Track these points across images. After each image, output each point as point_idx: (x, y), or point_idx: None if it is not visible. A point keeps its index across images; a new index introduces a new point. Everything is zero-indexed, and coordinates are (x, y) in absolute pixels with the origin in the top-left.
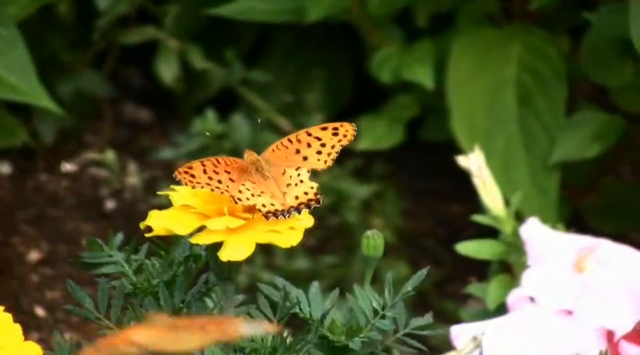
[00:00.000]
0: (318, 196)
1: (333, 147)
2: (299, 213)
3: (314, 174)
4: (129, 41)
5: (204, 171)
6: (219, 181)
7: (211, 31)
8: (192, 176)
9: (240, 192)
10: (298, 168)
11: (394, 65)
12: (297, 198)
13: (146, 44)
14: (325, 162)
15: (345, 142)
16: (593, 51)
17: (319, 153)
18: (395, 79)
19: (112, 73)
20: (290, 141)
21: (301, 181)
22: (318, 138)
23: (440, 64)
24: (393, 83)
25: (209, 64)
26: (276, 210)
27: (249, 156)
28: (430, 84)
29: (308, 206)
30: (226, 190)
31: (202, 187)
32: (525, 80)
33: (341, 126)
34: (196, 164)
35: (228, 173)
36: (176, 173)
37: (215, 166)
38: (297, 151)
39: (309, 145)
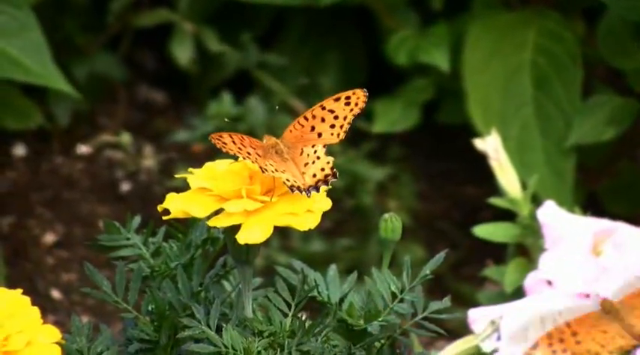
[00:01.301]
0: (334, 170)
1: (345, 118)
2: (317, 190)
3: (329, 155)
4: (143, 24)
5: (233, 142)
6: (248, 153)
7: (226, 14)
8: (224, 143)
9: (266, 165)
10: (314, 145)
11: (410, 48)
12: (314, 176)
13: (160, 27)
14: (338, 135)
15: (356, 111)
16: (608, 34)
17: (332, 126)
18: (411, 61)
19: (126, 55)
20: (306, 118)
21: (318, 158)
22: (332, 111)
23: (455, 48)
24: (409, 66)
25: (224, 47)
26: (299, 186)
27: (269, 140)
28: (446, 67)
29: (325, 182)
30: (256, 160)
31: (234, 153)
32: (541, 63)
33: (353, 93)
34: (225, 135)
35: (254, 149)
36: (210, 137)
37: (242, 140)
38: (312, 128)
39: (323, 120)
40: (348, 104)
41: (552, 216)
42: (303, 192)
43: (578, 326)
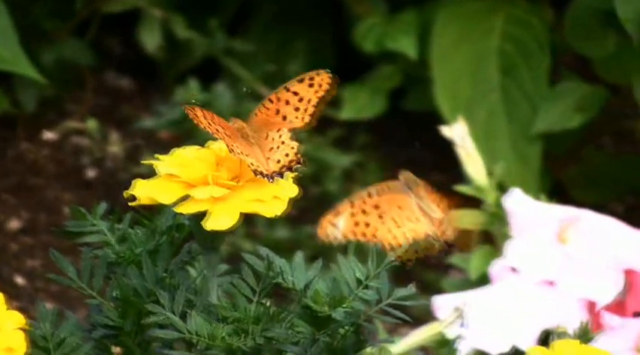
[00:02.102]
0: (299, 156)
1: (309, 100)
2: (281, 176)
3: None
4: (111, 10)
5: (204, 117)
6: (217, 130)
7: (194, 1)
8: (196, 115)
9: (233, 145)
10: (279, 130)
11: (378, 35)
12: (278, 161)
13: (128, 13)
14: (303, 118)
15: (321, 93)
16: (576, 22)
17: (297, 109)
18: (378, 48)
19: (94, 41)
20: (271, 101)
21: (283, 143)
22: (296, 93)
23: (423, 35)
24: (377, 53)
25: (192, 33)
26: (262, 171)
27: (235, 123)
28: (414, 54)
29: (289, 168)
30: (224, 138)
31: (204, 128)
32: (508, 50)
33: (317, 74)
34: (198, 109)
35: (223, 129)
36: (184, 107)
37: (212, 117)
38: (277, 111)
39: (287, 103)
40: (312, 86)
41: (518, 203)
42: (267, 178)
43: (380, 199)
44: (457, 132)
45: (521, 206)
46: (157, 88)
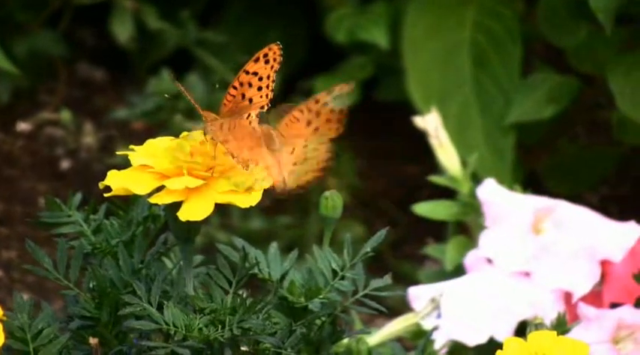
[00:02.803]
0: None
1: (268, 76)
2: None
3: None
4: (84, 1)
5: (220, 128)
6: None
7: None
8: (213, 128)
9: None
10: (249, 115)
11: (349, 25)
12: None
13: (101, 4)
14: (267, 95)
15: (276, 67)
16: (548, 11)
17: (260, 89)
18: (350, 39)
19: (66, 32)
20: (234, 87)
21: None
22: (255, 73)
23: (395, 26)
24: (348, 44)
25: (164, 24)
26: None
27: (208, 116)
28: (385, 44)
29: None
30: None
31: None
32: (480, 41)
33: (269, 49)
34: (214, 121)
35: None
36: (205, 118)
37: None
38: (243, 96)
39: (250, 85)
40: (267, 62)
41: (492, 194)
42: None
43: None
44: (430, 123)
45: (496, 196)
46: (130, 79)
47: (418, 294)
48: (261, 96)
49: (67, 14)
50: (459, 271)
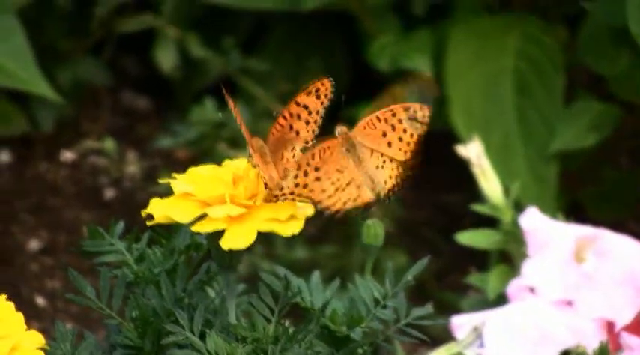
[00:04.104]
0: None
1: (317, 111)
2: (293, 199)
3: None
4: (127, 29)
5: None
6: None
7: (209, 20)
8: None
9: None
10: (293, 149)
11: (392, 54)
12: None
13: (144, 32)
14: (313, 131)
15: (326, 103)
16: (590, 40)
17: (307, 123)
18: (393, 67)
19: (110, 61)
20: (284, 117)
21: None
22: (305, 106)
23: (437, 53)
24: (391, 72)
25: (207, 53)
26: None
27: (257, 142)
28: (428, 72)
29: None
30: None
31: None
32: (523, 69)
33: (321, 84)
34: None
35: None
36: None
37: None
38: (291, 127)
39: (298, 117)
40: (318, 97)
41: (535, 222)
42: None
43: (322, 161)
44: (473, 151)
45: (538, 225)
46: (173, 108)
47: (461, 323)
48: (307, 131)
49: (110, 42)
50: (501, 300)
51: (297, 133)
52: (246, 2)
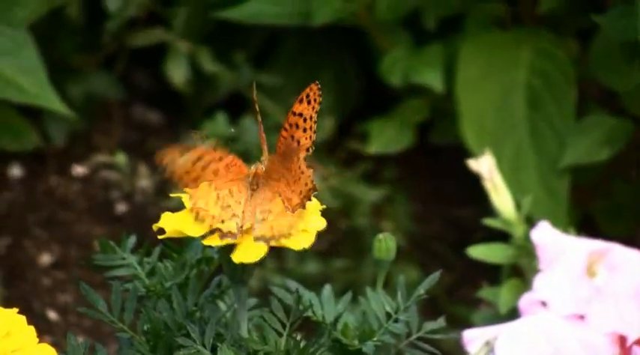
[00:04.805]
0: (314, 183)
1: (311, 117)
2: (304, 207)
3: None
4: (138, 43)
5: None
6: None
7: (220, 34)
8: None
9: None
10: (298, 159)
11: (403, 68)
12: (300, 193)
13: (156, 46)
14: (310, 137)
15: (317, 108)
16: (601, 54)
17: (305, 130)
18: (404, 82)
19: (121, 75)
20: (285, 129)
21: (302, 173)
22: (300, 114)
23: (449, 68)
24: (403, 86)
25: (218, 67)
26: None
27: (266, 159)
28: (440, 87)
29: (309, 197)
30: None
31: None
32: (535, 83)
33: (310, 90)
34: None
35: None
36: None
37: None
38: (292, 137)
39: (297, 126)
40: (309, 103)
41: (546, 236)
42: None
43: (225, 171)
44: (484, 165)
45: (549, 239)
46: (185, 122)
47: (472, 337)
48: (305, 138)
49: (122, 57)
50: (513, 314)
51: (299, 143)
52: (257, 17)
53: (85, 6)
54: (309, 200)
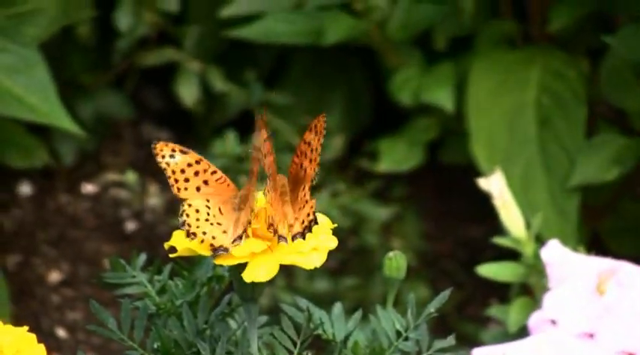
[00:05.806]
0: (315, 215)
1: (316, 149)
2: (303, 237)
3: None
4: (149, 63)
5: None
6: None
7: (231, 53)
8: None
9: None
10: (304, 188)
11: (414, 87)
12: (302, 222)
13: (166, 66)
14: (314, 168)
15: (321, 138)
16: (611, 74)
17: (310, 160)
18: (415, 101)
19: (131, 94)
20: (297, 156)
21: (306, 202)
22: (309, 144)
23: (459, 87)
24: (413, 105)
25: (229, 86)
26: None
27: (281, 179)
28: (450, 106)
29: (309, 228)
30: None
31: None
32: (545, 102)
33: (317, 120)
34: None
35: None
36: None
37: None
38: (301, 165)
39: (305, 155)
40: (316, 133)
41: (556, 255)
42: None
43: (216, 182)
44: (494, 184)
45: (559, 257)
46: (195, 140)
47: None
48: (311, 168)
49: (132, 76)
50: (522, 332)
51: (305, 172)
52: (268, 36)
53: (96, 25)
54: (310, 231)
